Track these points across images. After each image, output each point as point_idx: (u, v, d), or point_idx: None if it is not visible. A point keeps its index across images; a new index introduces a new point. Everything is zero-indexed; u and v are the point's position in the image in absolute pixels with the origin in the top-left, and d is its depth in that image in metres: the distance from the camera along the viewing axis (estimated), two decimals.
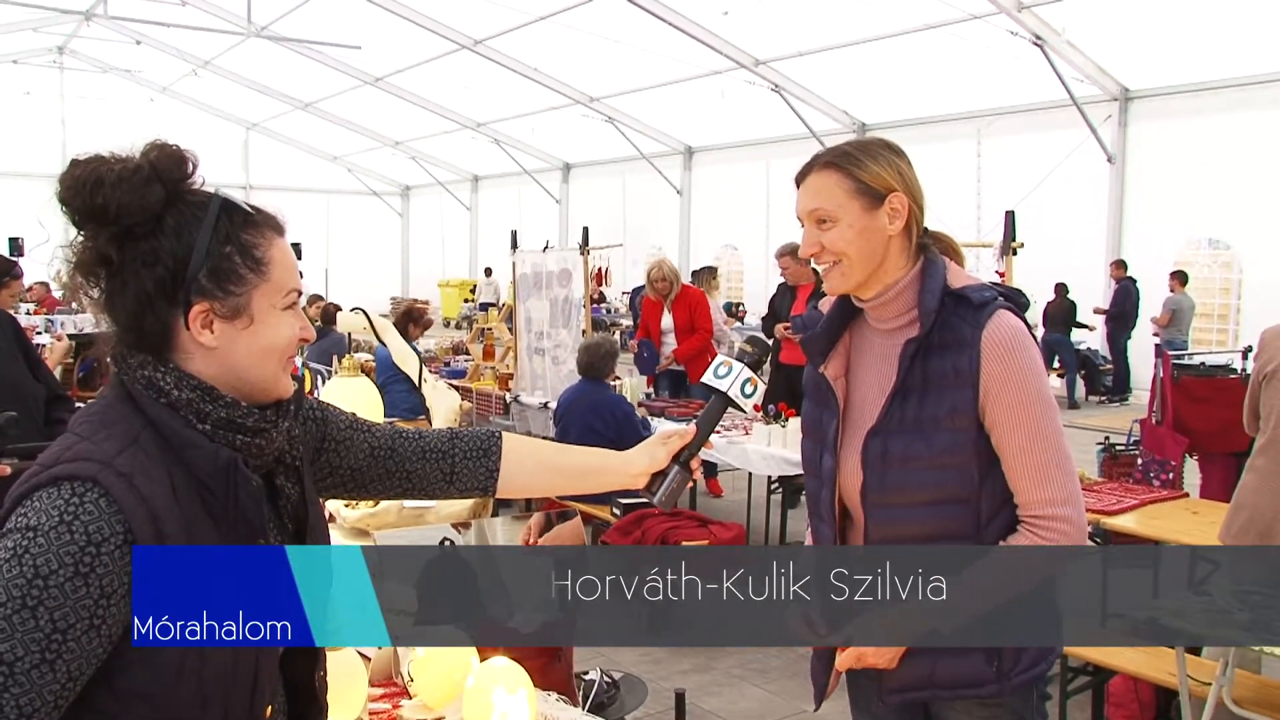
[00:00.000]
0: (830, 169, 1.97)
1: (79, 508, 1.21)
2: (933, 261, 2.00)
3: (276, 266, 1.39)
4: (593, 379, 6.36)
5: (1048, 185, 13.78)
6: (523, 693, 2.11)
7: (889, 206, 1.95)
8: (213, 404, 1.34)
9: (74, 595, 1.19)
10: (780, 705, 4.73)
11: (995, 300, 1.94)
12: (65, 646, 1.19)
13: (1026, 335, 1.93)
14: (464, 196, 29.27)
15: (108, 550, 1.22)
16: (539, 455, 1.79)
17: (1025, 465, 1.91)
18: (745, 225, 20.32)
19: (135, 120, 23.20)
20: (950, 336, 1.92)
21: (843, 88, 16.24)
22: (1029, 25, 12.43)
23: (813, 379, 2.12)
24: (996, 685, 1.97)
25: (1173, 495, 4.92)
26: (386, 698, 2.56)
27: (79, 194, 1.30)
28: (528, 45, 17.28)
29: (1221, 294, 14.04)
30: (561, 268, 8.14)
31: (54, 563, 1.19)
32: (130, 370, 1.34)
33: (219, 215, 1.35)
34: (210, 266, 1.33)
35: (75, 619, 1.20)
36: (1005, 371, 1.89)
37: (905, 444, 1.93)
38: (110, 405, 1.35)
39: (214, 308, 1.33)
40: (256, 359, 1.38)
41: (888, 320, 2.02)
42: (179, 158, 1.36)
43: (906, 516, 1.95)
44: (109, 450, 1.27)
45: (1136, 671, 3.91)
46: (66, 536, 1.20)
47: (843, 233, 1.94)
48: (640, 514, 5.71)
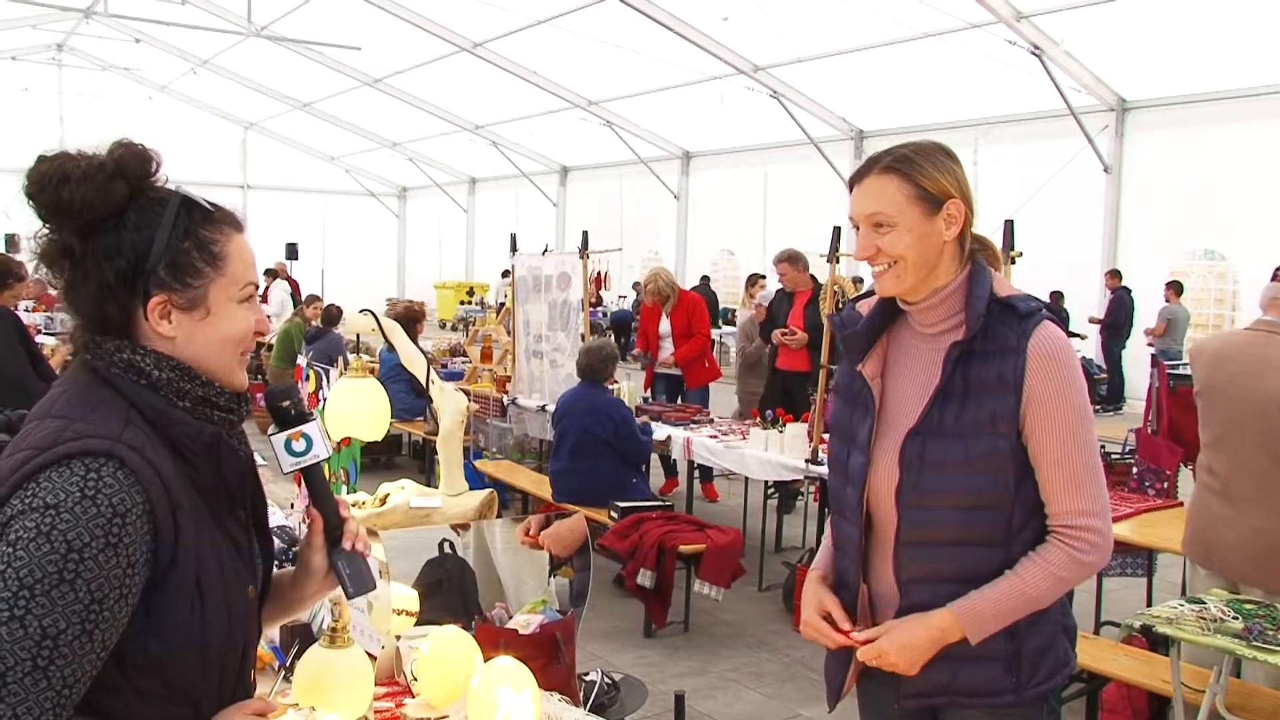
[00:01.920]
0: (890, 173, 1.97)
1: (99, 481, 1.26)
2: (981, 268, 2.01)
3: (233, 261, 1.44)
4: (592, 382, 6.38)
5: (1044, 195, 13.83)
6: (527, 692, 2.13)
7: (946, 213, 1.96)
8: (191, 383, 1.40)
9: (107, 565, 1.24)
10: (776, 709, 4.76)
11: (1040, 311, 1.96)
12: (102, 616, 1.24)
13: (1070, 347, 1.95)
14: (461, 199, 29.26)
15: (131, 520, 1.27)
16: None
17: (1060, 475, 1.93)
18: (742, 231, 20.35)
19: (133, 118, 23.18)
20: (995, 344, 1.94)
21: (841, 95, 16.28)
22: (1027, 35, 12.47)
23: (847, 377, 2.12)
24: (1014, 695, 1.99)
25: (1167, 504, 4.96)
26: (390, 696, 2.57)
27: (45, 189, 1.36)
28: (527, 48, 17.30)
29: (1216, 304, 14.11)
30: (560, 271, 8.15)
31: (85, 535, 1.23)
32: (106, 355, 1.39)
33: (178, 212, 1.41)
34: (169, 260, 1.39)
35: (110, 589, 1.24)
36: (1050, 381, 1.91)
37: (944, 447, 1.94)
38: (89, 388, 1.38)
39: (171, 299, 1.40)
40: (214, 349, 1.44)
41: (933, 324, 2.03)
42: (143, 156, 1.41)
43: (940, 520, 1.96)
44: (114, 428, 1.32)
45: (1130, 679, 3.93)
46: (93, 510, 1.24)
47: (901, 236, 1.95)
48: (638, 517, 5.74)
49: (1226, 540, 3.56)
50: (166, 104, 25.33)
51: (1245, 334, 3.68)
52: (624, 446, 6.24)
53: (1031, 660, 1.99)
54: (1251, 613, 3.28)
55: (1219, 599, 3.42)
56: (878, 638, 1.98)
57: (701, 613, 5.82)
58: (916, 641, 1.95)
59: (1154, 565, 5.27)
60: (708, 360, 8.60)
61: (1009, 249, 4.80)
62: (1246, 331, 3.69)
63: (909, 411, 2.00)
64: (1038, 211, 12.93)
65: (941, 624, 1.94)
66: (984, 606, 1.93)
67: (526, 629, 2.80)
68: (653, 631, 5.60)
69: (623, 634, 5.63)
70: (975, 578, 1.96)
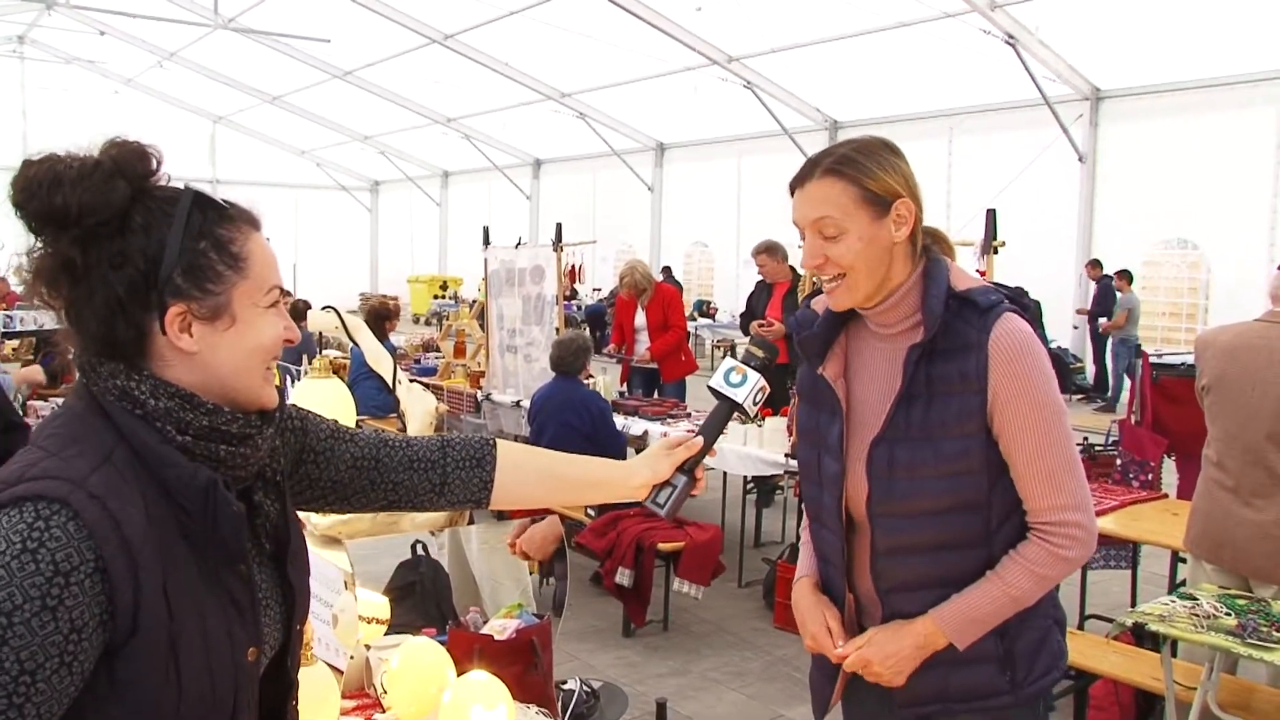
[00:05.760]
0: (833, 176, 1.85)
1: (44, 533, 1.10)
2: (936, 262, 1.92)
3: (256, 262, 1.29)
4: (565, 375, 6.27)
5: (1019, 184, 13.82)
6: (502, 708, 2.03)
7: (895, 214, 1.85)
8: (194, 412, 1.24)
9: (41, 632, 1.08)
10: (757, 709, 4.67)
11: (1001, 303, 1.87)
12: (35, 689, 1.08)
13: (1034, 339, 1.86)
14: (434, 192, 29.09)
15: (77, 580, 1.11)
16: (537, 464, 1.66)
17: (1035, 471, 1.85)
18: (716, 222, 20.35)
19: (99, 112, 22.89)
20: (956, 341, 1.85)
21: (815, 85, 16.22)
22: (1001, 24, 12.45)
23: (810, 380, 2.03)
24: (1010, 695, 1.92)
25: (1152, 496, 4.90)
26: (359, 710, 2.46)
27: (35, 196, 1.19)
28: (499, 40, 17.15)
29: (1189, 294, 14.17)
30: (534, 264, 8.04)
31: (18, 596, 1.08)
32: (101, 380, 1.23)
33: (190, 210, 1.25)
34: (185, 264, 1.23)
35: (45, 657, 1.09)
36: (1014, 376, 1.82)
37: (912, 452, 1.86)
38: (79, 417, 1.23)
39: (192, 308, 1.23)
40: (241, 362, 1.28)
41: (890, 325, 1.94)
42: (141, 153, 1.25)
43: (915, 526, 1.88)
44: (81, 469, 1.16)
45: (1119, 675, 3.87)
46: (31, 566, 1.09)
47: (850, 245, 1.84)
48: (614, 515, 5.64)
49: (1238, 536, 3.49)
50: (133, 98, 24.97)
51: (1258, 325, 3.61)
52: (603, 440, 6.14)
53: (1026, 658, 1.93)
54: (1244, 609, 3.22)
55: (1210, 595, 3.35)
56: (862, 646, 1.92)
57: (681, 611, 5.73)
58: (900, 650, 1.88)
59: (1138, 557, 5.23)
60: (684, 354, 8.51)
61: (991, 238, 4.72)
62: (1258, 323, 3.61)
63: (873, 417, 1.91)
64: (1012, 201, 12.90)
65: (924, 631, 1.88)
66: (966, 610, 1.87)
67: (502, 634, 2.71)
68: (632, 631, 5.51)
69: (601, 634, 5.53)
70: (958, 580, 1.89)
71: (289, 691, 1.45)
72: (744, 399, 1.70)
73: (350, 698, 2.48)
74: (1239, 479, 3.50)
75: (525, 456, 1.64)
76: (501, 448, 1.61)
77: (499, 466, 1.59)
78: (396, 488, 1.55)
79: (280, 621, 1.39)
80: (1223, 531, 3.55)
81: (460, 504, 1.59)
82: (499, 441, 1.62)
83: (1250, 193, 12.47)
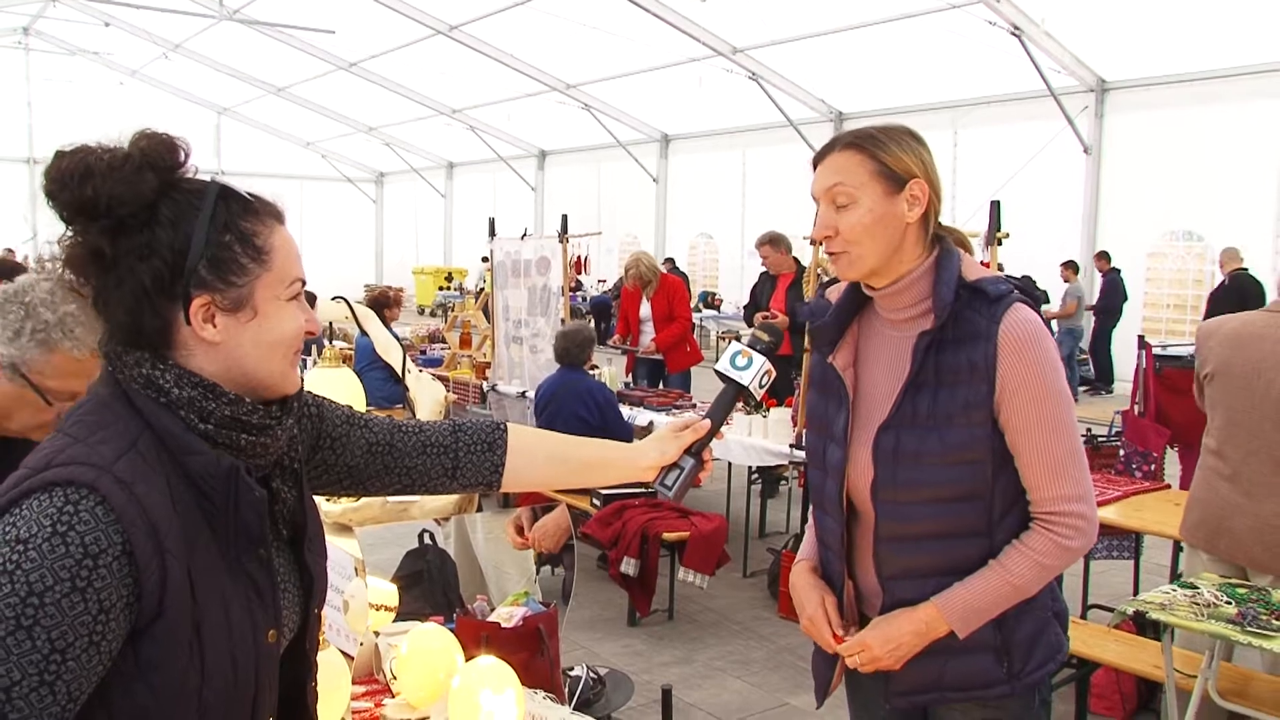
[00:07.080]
0: (853, 149, 1.90)
1: (74, 516, 1.14)
2: (948, 252, 1.94)
3: (279, 255, 1.31)
4: (570, 366, 6.30)
5: (1024, 176, 13.82)
6: (510, 692, 2.06)
7: (909, 193, 1.89)
8: (216, 401, 1.27)
9: (71, 612, 1.12)
10: (762, 698, 4.71)
11: (1011, 293, 1.89)
12: (65, 667, 1.12)
13: (1043, 329, 1.88)
14: (438, 183, 29.08)
15: (105, 563, 1.14)
16: (546, 447, 1.69)
17: (1041, 461, 1.87)
18: (721, 214, 20.33)
19: (104, 104, 22.93)
20: (965, 330, 1.87)
21: (820, 76, 16.20)
22: (1007, 15, 12.44)
23: (819, 369, 2.06)
24: (1007, 685, 1.94)
25: (1155, 487, 4.91)
26: (369, 695, 2.50)
27: (66, 187, 1.22)
28: (504, 31, 17.15)
29: (1195, 285, 14.14)
30: (540, 256, 8.06)
31: (49, 578, 1.11)
32: (126, 368, 1.26)
33: (216, 203, 1.27)
34: (210, 256, 1.25)
35: (74, 637, 1.12)
36: (1023, 366, 1.84)
37: (918, 439, 1.88)
38: (105, 404, 1.26)
39: (215, 300, 1.26)
40: (263, 353, 1.31)
41: (899, 310, 1.96)
42: (170, 145, 1.28)
43: (918, 513, 1.91)
44: (107, 454, 1.19)
45: (1120, 664, 3.90)
46: (61, 549, 1.12)
47: (860, 216, 1.88)
48: (620, 505, 5.67)
49: (1237, 526, 3.50)
50: (138, 89, 25.00)
51: (1263, 315, 3.60)
52: (611, 430, 6.16)
53: (1023, 648, 1.95)
54: (1244, 597, 3.24)
55: (1210, 583, 3.38)
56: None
57: (686, 600, 5.76)
58: (901, 636, 1.91)
59: (1141, 548, 5.25)
60: (689, 344, 8.53)
61: (995, 230, 4.73)
62: (1265, 313, 3.61)
63: (881, 404, 1.94)
64: (1018, 193, 12.91)
65: (926, 618, 1.90)
66: (968, 598, 1.89)
67: (509, 622, 2.73)
68: (637, 620, 5.54)
69: (606, 623, 5.57)
70: (960, 569, 1.91)
71: (308, 673, 1.48)
72: (750, 382, 1.72)
73: (360, 683, 2.52)
74: (1239, 468, 3.51)
75: (535, 440, 1.68)
76: (512, 431, 1.64)
77: (510, 450, 1.62)
78: (410, 472, 1.58)
79: (298, 605, 1.42)
80: (1220, 521, 3.56)
81: (472, 487, 1.63)
82: (510, 425, 1.65)
83: (1256, 185, 12.45)
